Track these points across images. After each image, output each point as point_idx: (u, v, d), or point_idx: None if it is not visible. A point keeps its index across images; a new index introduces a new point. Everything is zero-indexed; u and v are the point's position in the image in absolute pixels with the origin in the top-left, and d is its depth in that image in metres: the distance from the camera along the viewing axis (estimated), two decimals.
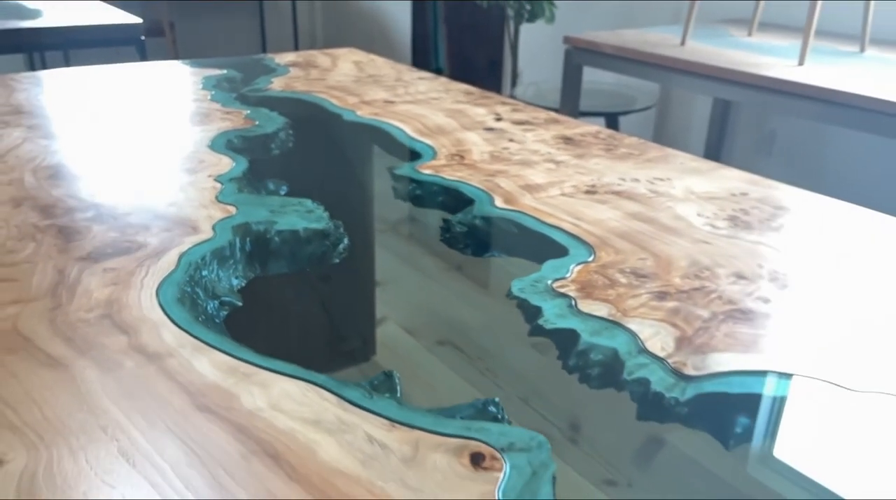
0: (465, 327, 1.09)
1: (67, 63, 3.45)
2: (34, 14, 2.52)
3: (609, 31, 2.27)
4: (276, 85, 1.36)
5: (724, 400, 0.51)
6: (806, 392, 0.52)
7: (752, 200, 0.86)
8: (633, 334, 0.57)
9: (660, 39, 2.05)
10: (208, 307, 0.65)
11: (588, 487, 0.82)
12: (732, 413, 0.52)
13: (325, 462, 0.43)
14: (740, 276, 0.68)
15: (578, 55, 2.10)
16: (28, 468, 0.42)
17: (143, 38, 2.42)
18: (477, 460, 0.44)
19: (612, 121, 2.57)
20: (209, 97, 1.27)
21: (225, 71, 1.46)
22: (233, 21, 4.47)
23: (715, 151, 2.66)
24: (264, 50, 4.52)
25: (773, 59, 1.80)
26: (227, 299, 0.67)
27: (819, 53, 1.87)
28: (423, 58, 4.05)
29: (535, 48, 3.20)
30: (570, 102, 2.16)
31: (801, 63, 1.71)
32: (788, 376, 0.53)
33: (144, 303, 0.60)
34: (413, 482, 0.42)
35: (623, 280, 0.66)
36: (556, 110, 2.09)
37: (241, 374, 0.51)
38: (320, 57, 1.63)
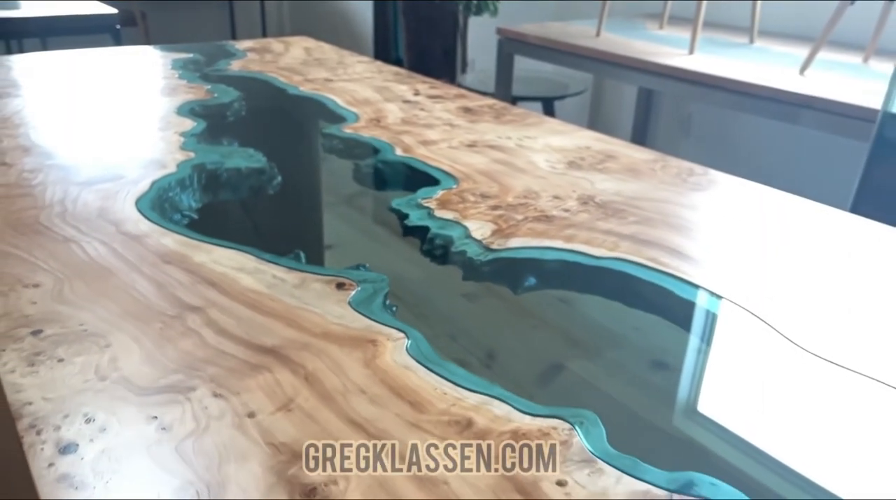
0: (406, 282, 1.33)
1: (45, 50, 3.64)
2: (13, 6, 2.74)
3: (539, 23, 2.54)
4: (235, 66, 1.61)
5: (514, 263, 0.78)
6: (564, 259, 0.79)
7: (591, 151, 1.14)
8: (465, 228, 0.84)
9: (580, 31, 2.33)
10: (173, 217, 0.90)
11: None
12: (520, 272, 0.78)
13: (245, 286, 0.69)
14: (556, 197, 0.95)
15: (509, 45, 2.37)
16: (55, 288, 0.68)
17: (118, 27, 2.65)
18: (340, 286, 0.70)
19: (547, 106, 2.84)
20: (177, 76, 1.51)
21: (191, 55, 1.71)
22: (203, 13, 4.68)
23: (641, 133, 2.94)
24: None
25: (671, 49, 2.09)
26: (187, 213, 0.93)
27: (713, 44, 2.15)
28: (384, 48, 4.30)
29: (484, 40, 3.46)
30: (503, 88, 2.43)
31: (690, 52, 2.00)
32: (559, 249, 0.80)
33: (127, 209, 0.86)
34: (298, 294, 0.68)
35: (472, 199, 0.93)
36: (492, 95, 2.35)
37: (194, 246, 0.77)
38: (275, 44, 1.88)
